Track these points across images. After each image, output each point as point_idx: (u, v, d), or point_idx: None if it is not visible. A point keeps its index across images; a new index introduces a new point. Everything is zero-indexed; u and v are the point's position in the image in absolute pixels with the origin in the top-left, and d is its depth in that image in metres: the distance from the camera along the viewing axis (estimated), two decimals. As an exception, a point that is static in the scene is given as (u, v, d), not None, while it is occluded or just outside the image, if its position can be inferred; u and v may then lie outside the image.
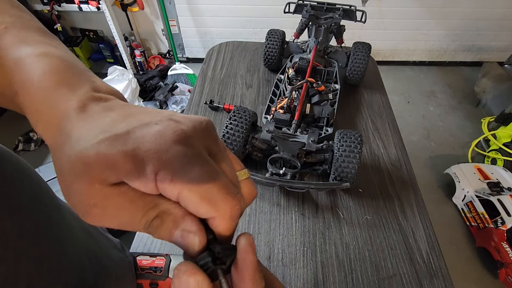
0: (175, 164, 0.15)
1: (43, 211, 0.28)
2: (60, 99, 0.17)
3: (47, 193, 0.31)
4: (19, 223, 0.24)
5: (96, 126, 0.16)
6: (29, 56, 0.19)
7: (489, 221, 1.30)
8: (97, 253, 0.38)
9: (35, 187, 0.29)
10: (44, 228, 0.27)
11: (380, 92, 0.89)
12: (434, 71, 2.39)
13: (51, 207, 0.30)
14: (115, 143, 0.15)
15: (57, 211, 0.31)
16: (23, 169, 0.27)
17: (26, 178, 0.27)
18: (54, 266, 0.28)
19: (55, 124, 0.17)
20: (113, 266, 0.41)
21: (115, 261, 0.42)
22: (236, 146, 0.61)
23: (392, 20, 2.15)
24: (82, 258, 0.33)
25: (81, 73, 0.19)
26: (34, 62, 0.19)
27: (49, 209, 0.30)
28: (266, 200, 0.63)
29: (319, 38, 0.82)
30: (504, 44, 2.30)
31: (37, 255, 0.26)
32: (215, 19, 2.15)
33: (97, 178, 0.15)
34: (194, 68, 2.06)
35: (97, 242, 0.40)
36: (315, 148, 0.60)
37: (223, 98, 0.85)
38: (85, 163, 0.15)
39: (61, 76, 0.18)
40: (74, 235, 0.33)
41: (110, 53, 2.26)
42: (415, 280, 0.52)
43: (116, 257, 0.43)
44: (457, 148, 1.84)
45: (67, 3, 1.79)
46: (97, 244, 0.39)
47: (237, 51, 1.02)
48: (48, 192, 0.31)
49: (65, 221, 0.32)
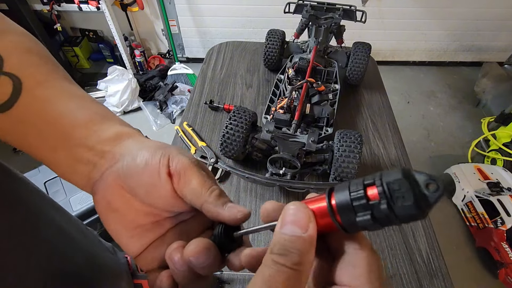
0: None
1: (30, 212, 0.30)
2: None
3: (35, 195, 0.32)
4: (6, 222, 0.25)
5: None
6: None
7: (489, 221, 1.30)
8: (92, 253, 0.39)
9: (22, 190, 0.30)
10: (31, 228, 0.29)
11: (380, 92, 0.89)
12: (434, 71, 2.39)
13: (39, 208, 0.32)
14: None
15: (46, 212, 0.33)
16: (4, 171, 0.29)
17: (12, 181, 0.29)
18: (43, 261, 0.29)
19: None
20: (107, 265, 0.42)
21: (108, 261, 0.43)
22: (236, 146, 0.60)
23: (392, 20, 2.15)
24: (77, 256, 0.34)
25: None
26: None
27: (37, 210, 0.31)
28: (266, 200, 0.63)
29: (319, 38, 0.82)
30: (504, 44, 2.30)
31: (25, 251, 0.27)
32: (215, 19, 2.15)
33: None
34: (194, 68, 2.06)
35: (91, 243, 0.41)
36: (315, 148, 0.60)
37: (223, 98, 0.85)
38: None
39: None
40: (66, 235, 0.34)
41: (110, 53, 2.26)
42: (415, 280, 0.52)
43: (109, 258, 0.44)
44: (457, 148, 1.84)
45: (67, 3, 1.78)
46: (91, 245, 0.41)
47: (237, 51, 1.02)
48: (37, 194, 0.32)
49: (55, 221, 0.33)
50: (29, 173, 1.11)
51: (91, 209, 1.04)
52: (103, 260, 0.41)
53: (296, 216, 0.17)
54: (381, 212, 0.14)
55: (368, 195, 0.15)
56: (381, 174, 0.15)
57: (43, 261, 0.29)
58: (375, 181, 0.15)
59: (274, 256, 0.16)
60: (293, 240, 0.16)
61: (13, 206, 0.27)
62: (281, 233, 0.16)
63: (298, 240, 0.16)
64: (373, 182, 0.15)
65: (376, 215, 0.14)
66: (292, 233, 0.16)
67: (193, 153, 0.70)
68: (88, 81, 2.13)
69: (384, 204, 0.14)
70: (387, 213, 0.14)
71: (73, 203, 1.02)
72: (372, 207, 0.14)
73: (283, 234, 0.16)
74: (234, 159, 0.66)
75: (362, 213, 0.15)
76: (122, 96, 1.84)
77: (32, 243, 0.28)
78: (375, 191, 0.14)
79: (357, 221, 0.15)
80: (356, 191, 0.15)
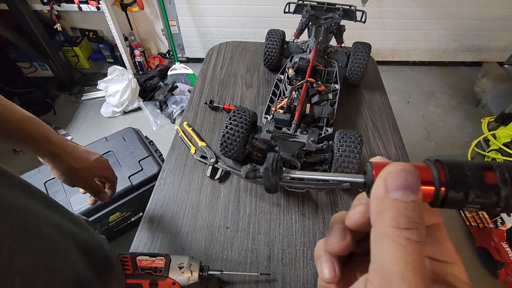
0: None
1: (30, 211, 0.30)
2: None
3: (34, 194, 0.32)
4: (8, 223, 0.26)
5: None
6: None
7: (489, 221, 1.30)
8: (90, 246, 0.39)
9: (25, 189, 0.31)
10: (34, 227, 0.29)
11: (380, 92, 0.89)
12: (434, 71, 2.39)
13: (39, 207, 0.32)
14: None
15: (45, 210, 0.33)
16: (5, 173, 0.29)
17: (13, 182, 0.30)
18: (48, 263, 0.29)
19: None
20: (105, 258, 0.42)
21: (106, 252, 0.43)
22: (236, 146, 0.60)
23: (392, 20, 2.14)
24: (75, 254, 0.35)
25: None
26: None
27: (36, 209, 0.31)
28: (266, 200, 0.63)
29: (319, 38, 0.82)
30: (504, 44, 2.30)
31: (29, 254, 0.27)
32: (215, 19, 2.15)
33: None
34: (194, 68, 2.06)
35: (89, 235, 0.41)
36: (315, 148, 0.60)
37: (223, 98, 0.85)
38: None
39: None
40: (64, 232, 0.34)
41: (110, 53, 2.26)
42: (415, 280, 0.52)
43: (107, 249, 0.44)
44: (457, 148, 1.84)
45: (67, 3, 1.78)
46: (89, 236, 0.41)
47: (237, 51, 1.02)
48: (35, 192, 0.33)
49: (53, 219, 0.33)
50: (29, 173, 1.11)
51: (91, 209, 1.04)
52: (100, 251, 0.42)
53: (406, 180, 0.15)
54: (496, 195, 0.15)
55: (486, 177, 0.15)
56: (498, 163, 0.16)
57: (48, 261, 0.29)
58: (494, 167, 0.15)
59: (405, 232, 0.14)
60: (413, 208, 0.14)
61: (13, 209, 0.27)
62: (396, 200, 0.15)
63: (417, 208, 0.14)
64: (491, 167, 0.15)
65: (489, 195, 0.15)
66: (408, 198, 0.14)
67: (193, 153, 0.70)
68: (88, 81, 2.13)
69: (504, 189, 0.15)
70: (505, 195, 0.15)
71: (73, 203, 1.02)
72: (488, 188, 0.15)
73: (399, 201, 0.14)
74: (234, 159, 0.66)
75: (476, 192, 0.15)
76: (122, 96, 1.84)
77: (36, 244, 0.28)
78: (493, 176, 0.15)
79: (467, 199, 0.15)
80: (474, 170, 0.16)
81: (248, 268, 0.54)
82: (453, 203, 0.16)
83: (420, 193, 0.15)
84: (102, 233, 0.48)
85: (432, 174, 0.16)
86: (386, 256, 0.14)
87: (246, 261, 0.55)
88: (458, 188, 0.15)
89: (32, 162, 1.68)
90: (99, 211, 1.07)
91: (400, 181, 0.15)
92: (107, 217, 1.10)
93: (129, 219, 1.22)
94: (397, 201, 0.14)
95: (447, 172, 0.16)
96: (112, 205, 1.09)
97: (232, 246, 0.56)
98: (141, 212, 1.21)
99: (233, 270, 0.53)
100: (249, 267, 0.54)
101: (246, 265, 0.54)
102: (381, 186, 0.15)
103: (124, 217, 1.18)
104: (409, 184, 0.15)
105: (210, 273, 0.50)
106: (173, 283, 0.47)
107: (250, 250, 0.56)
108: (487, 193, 0.15)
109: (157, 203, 0.62)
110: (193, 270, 0.47)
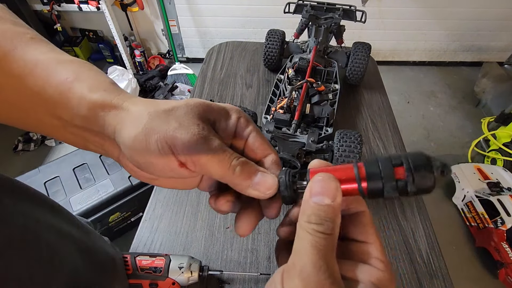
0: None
1: (30, 217, 0.29)
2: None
3: (36, 198, 0.32)
4: (6, 231, 0.25)
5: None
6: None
7: (489, 221, 1.30)
8: (92, 249, 0.39)
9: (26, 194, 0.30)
10: (33, 234, 0.28)
11: (380, 92, 0.89)
12: (434, 71, 2.39)
13: (39, 212, 0.31)
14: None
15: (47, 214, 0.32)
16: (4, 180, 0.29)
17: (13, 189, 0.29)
18: (46, 269, 0.29)
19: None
20: (108, 260, 0.42)
21: (109, 255, 0.42)
22: (236, 146, 0.60)
23: (392, 20, 2.15)
24: (75, 258, 0.34)
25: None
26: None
27: (37, 214, 0.31)
28: (266, 200, 0.63)
29: (319, 38, 0.82)
30: (504, 44, 2.30)
31: (26, 260, 0.26)
32: (215, 19, 2.15)
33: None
34: (194, 68, 2.07)
35: (92, 238, 0.41)
36: (315, 148, 0.60)
37: (223, 98, 0.85)
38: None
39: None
40: (65, 237, 0.34)
41: (110, 53, 2.26)
42: (415, 280, 0.52)
43: (110, 251, 0.43)
44: (457, 148, 1.84)
45: (67, 3, 1.78)
46: (91, 239, 0.40)
47: (237, 51, 1.02)
48: (37, 197, 0.32)
49: (54, 224, 0.33)
50: (29, 173, 1.11)
51: (91, 209, 1.04)
52: (103, 255, 0.41)
53: (324, 188, 0.19)
54: (404, 187, 0.18)
55: (396, 172, 0.18)
56: (406, 156, 0.19)
57: (46, 267, 0.29)
58: (403, 163, 0.18)
59: (313, 225, 0.18)
60: (325, 209, 0.19)
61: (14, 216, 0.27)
62: (314, 203, 0.19)
63: (329, 209, 0.19)
64: (402, 163, 0.18)
65: (400, 188, 0.18)
66: (323, 202, 0.19)
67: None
68: (88, 81, 2.14)
69: (410, 182, 0.18)
70: (411, 189, 0.18)
71: (73, 203, 1.02)
72: (398, 181, 0.18)
73: (316, 204, 0.19)
74: (234, 159, 0.66)
75: (388, 185, 0.19)
76: (122, 96, 1.84)
77: (34, 251, 0.28)
78: (402, 171, 0.18)
79: (384, 191, 0.19)
80: (386, 167, 0.19)
81: (248, 268, 0.54)
82: (374, 195, 0.19)
83: (338, 198, 0.19)
84: (102, 233, 0.47)
85: (354, 173, 0.20)
86: (298, 241, 0.19)
87: (246, 261, 0.55)
88: (374, 184, 0.19)
89: (32, 162, 1.68)
90: (99, 211, 1.07)
91: (318, 189, 0.19)
92: (107, 217, 1.10)
93: (129, 219, 1.22)
94: (315, 204, 0.19)
95: (365, 171, 0.19)
96: (112, 205, 1.09)
97: (232, 246, 0.56)
98: (141, 212, 1.21)
99: (233, 270, 0.53)
100: (249, 267, 0.54)
101: (246, 265, 0.54)
102: (307, 192, 0.20)
103: (124, 217, 1.18)
104: (325, 192, 0.19)
105: (210, 273, 0.50)
106: (173, 283, 0.47)
107: (250, 250, 0.56)
108: (397, 187, 0.18)
109: (157, 203, 0.62)
110: (193, 270, 0.47)
